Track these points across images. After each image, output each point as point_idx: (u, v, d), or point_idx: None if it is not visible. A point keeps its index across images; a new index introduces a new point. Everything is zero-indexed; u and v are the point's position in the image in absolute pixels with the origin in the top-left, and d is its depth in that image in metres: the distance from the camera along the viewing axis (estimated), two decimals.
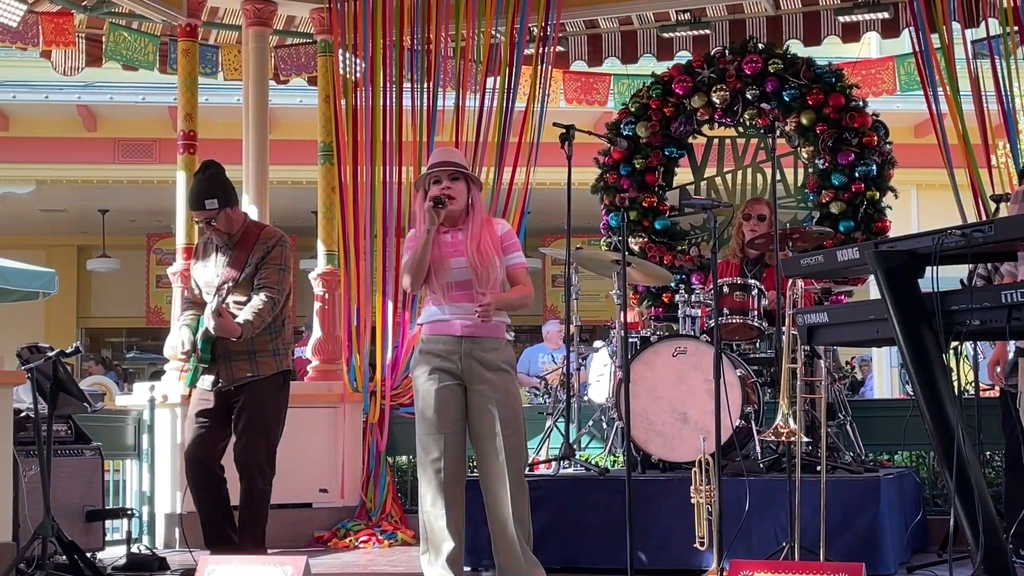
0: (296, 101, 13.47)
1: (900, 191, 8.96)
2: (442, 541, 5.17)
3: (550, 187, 10.18)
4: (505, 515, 5.17)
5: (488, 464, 5.21)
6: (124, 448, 7.87)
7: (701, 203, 6.16)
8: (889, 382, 15.94)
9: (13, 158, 15.51)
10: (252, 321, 6.05)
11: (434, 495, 5.18)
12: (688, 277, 8.87)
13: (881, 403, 10.86)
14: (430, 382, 5.22)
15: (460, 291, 5.23)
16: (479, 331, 5.20)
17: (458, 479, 5.24)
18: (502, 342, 5.30)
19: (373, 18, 8.48)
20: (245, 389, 6.14)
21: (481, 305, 5.12)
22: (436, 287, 5.27)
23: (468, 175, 5.38)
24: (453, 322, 5.23)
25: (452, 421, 5.21)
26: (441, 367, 5.22)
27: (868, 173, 8.61)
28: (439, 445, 5.19)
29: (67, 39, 8.92)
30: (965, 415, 4.05)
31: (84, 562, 5.87)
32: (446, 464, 5.18)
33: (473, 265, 5.19)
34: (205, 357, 6.09)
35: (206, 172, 6.29)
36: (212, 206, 6.12)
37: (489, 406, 5.19)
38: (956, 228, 3.88)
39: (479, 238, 5.24)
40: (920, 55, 8.13)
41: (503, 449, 5.17)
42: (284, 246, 6.31)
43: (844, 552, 5.71)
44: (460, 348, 5.21)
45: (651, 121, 9.14)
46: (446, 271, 5.23)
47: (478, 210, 5.35)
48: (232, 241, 6.25)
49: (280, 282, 6.20)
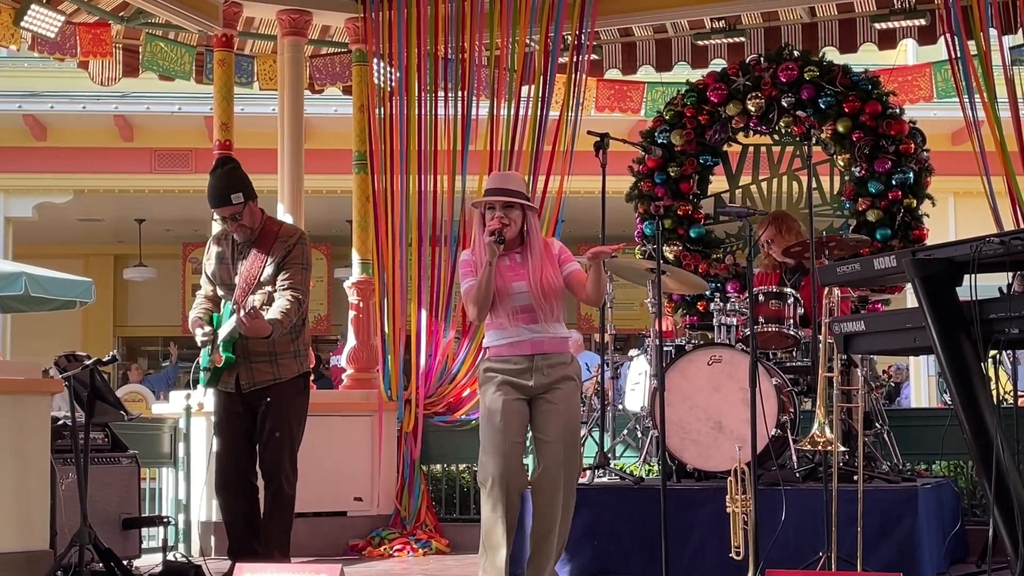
0: (331, 110, 13.52)
1: (938, 199, 8.90)
2: (498, 547, 5.32)
3: (584, 195, 10.15)
4: (548, 528, 5.37)
5: (543, 472, 5.39)
6: (160, 456, 7.90)
7: (736, 211, 6.12)
8: (927, 391, 15.84)
9: (51, 168, 15.64)
10: (281, 321, 6.01)
11: (495, 502, 5.34)
12: (723, 285, 8.83)
13: (919, 412, 10.78)
14: (497, 395, 5.42)
15: (524, 313, 5.45)
16: (550, 348, 5.45)
17: (518, 488, 5.40)
18: (568, 356, 5.54)
19: (407, 27, 8.51)
20: (267, 393, 6.11)
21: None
22: (500, 311, 5.47)
23: (523, 203, 5.51)
24: (521, 342, 5.44)
25: (515, 432, 5.41)
26: (509, 382, 5.43)
27: (905, 181, 8.56)
28: (501, 454, 5.35)
29: (104, 50, 8.99)
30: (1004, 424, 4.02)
31: (121, 570, 5.89)
32: (509, 473, 5.34)
33: (535, 292, 5.41)
34: (229, 359, 6.05)
35: (225, 167, 6.22)
36: (238, 200, 6.07)
37: (552, 416, 5.40)
38: (994, 236, 3.85)
39: (541, 268, 5.45)
40: (956, 62, 8.07)
41: (561, 458, 5.36)
42: (304, 244, 6.24)
43: (881, 562, 5.68)
44: (531, 365, 5.42)
45: (686, 129, 9.12)
46: (509, 296, 5.44)
47: (534, 235, 5.54)
48: (251, 238, 6.19)
49: (304, 282, 6.17)
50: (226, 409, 6.21)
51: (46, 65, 13.69)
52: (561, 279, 5.49)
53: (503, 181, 5.62)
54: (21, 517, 5.90)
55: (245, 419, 6.15)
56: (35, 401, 6.05)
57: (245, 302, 6.00)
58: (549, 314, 5.44)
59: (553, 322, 5.48)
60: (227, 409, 6.20)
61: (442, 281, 8.32)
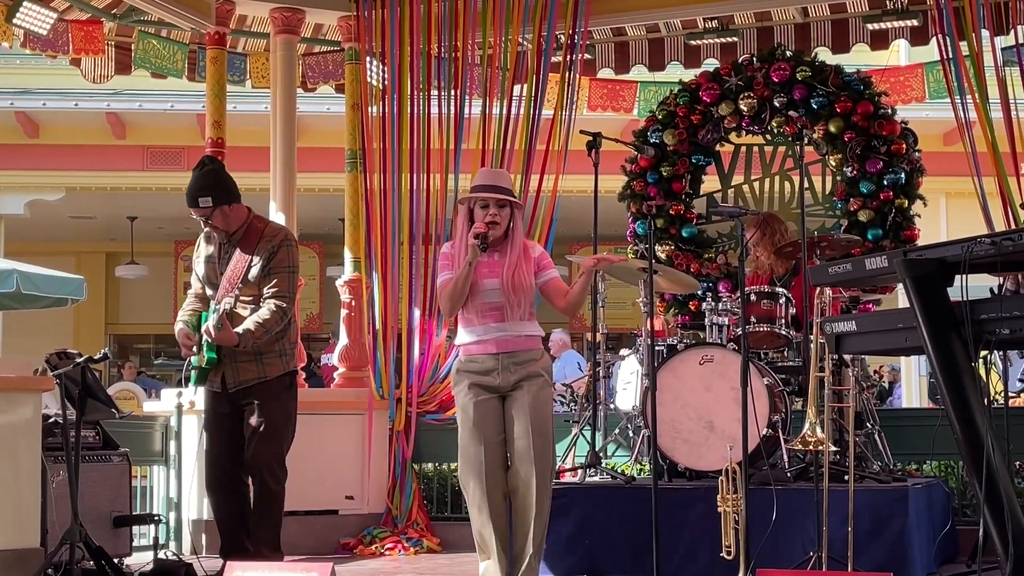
0: (324, 109, 13.50)
1: (929, 199, 8.92)
2: (490, 548, 5.38)
3: (577, 195, 10.17)
4: (524, 524, 5.39)
5: (512, 469, 5.42)
6: (151, 454, 7.90)
7: (729, 211, 6.13)
8: (918, 391, 15.86)
9: (43, 165, 15.62)
10: (253, 331, 5.98)
11: (479, 504, 5.40)
12: (715, 285, 8.84)
13: (910, 412, 10.79)
14: (468, 396, 5.49)
15: (493, 311, 5.48)
16: (515, 346, 5.47)
17: (500, 487, 5.43)
18: (538, 352, 5.55)
19: (400, 26, 8.50)
20: (253, 391, 6.10)
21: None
22: (470, 308, 5.51)
23: (513, 202, 5.55)
24: (488, 341, 5.48)
25: (491, 432, 5.45)
26: (479, 383, 5.48)
27: (897, 181, 8.57)
28: (479, 455, 5.42)
29: (96, 47, 8.98)
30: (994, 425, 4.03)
31: (111, 568, 5.88)
32: (487, 473, 5.40)
33: (506, 290, 5.43)
34: (211, 359, 6.02)
35: (203, 169, 6.17)
36: (206, 204, 6.03)
37: (519, 412, 5.41)
38: (986, 236, 3.86)
39: (515, 266, 5.47)
40: (948, 62, 8.08)
41: (529, 454, 5.36)
42: (290, 245, 6.19)
43: (872, 562, 5.68)
44: (498, 364, 5.46)
45: (678, 129, 9.13)
46: (480, 292, 5.47)
47: (517, 235, 5.58)
48: (234, 238, 6.16)
49: (291, 287, 6.15)
50: (213, 408, 6.21)
51: (38, 62, 13.61)
52: (532, 279, 5.50)
53: (496, 178, 5.64)
54: (12, 515, 5.88)
55: (232, 418, 6.15)
56: (26, 399, 6.04)
57: (217, 308, 5.97)
58: (518, 312, 5.46)
59: (522, 320, 5.49)
60: (214, 408, 6.20)
61: (435, 280, 8.29)
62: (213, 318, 5.96)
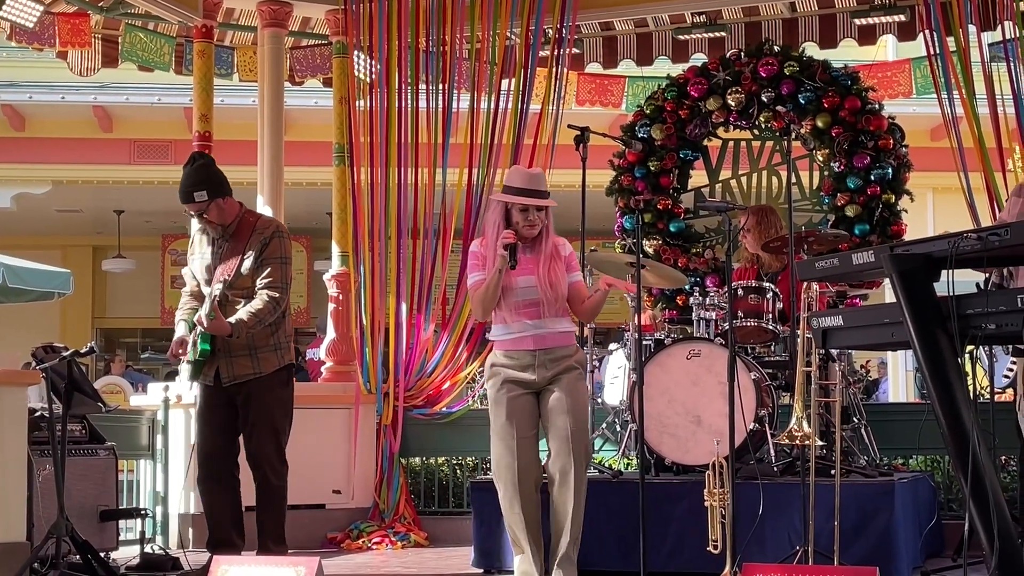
0: (311, 102, 13.46)
1: (916, 195, 8.93)
2: (522, 542, 5.48)
3: (565, 189, 10.16)
4: (561, 516, 5.48)
5: (551, 461, 5.51)
6: (138, 448, 7.88)
7: (716, 206, 6.15)
8: (904, 386, 15.90)
9: (29, 159, 15.55)
10: (246, 321, 6.00)
11: (511, 498, 5.48)
12: (703, 280, 8.85)
13: (896, 407, 10.82)
14: (502, 392, 5.55)
15: (528, 308, 5.55)
16: (552, 343, 5.55)
17: (532, 481, 5.52)
18: (572, 348, 5.65)
19: (388, 20, 8.49)
20: (248, 386, 6.12)
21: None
22: (503, 306, 5.57)
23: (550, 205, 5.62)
24: (524, 338, 5.55)
25: (524, 426, 5.53)
26: (514, 379, 5.54)
27: (884, 176, 8.59)
28: (510, 450, 5.49)
29: (83, 40, 8.95)
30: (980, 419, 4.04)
31: (98, 562, 5.88)
32: (520, 468, 5.47)
33: (543, 288, 5.50)
34: (205, 350, 6.03)
35: (194, 164, 6.21)
36: (201, 198, 6.06)
37: (555, 406, 5.50)
38: (972, 232, 3.87)
39: (549, 264, 5.55)
40: (935, 58, 8.10)
41: (567, 447, 5.46)
42: (282, 237, 6.22)
43: (858, 556, 5.70)
44: (535, 360, 5.53)
45: (666, 123, 9.13)
46: (513, 291, 5.53)
47: (550, 234, 5.63)
48: (228, 232, 6.18)
49: (284, 278, 6.15)
50: (207, 402, 6.21)
51: (25, 55, 13.60)
52: (565, 277, 5.58)
53: (536, 182, 5.61)
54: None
55: (226, 412, 6.16)
56: (12, 392, 6.03)
57: (209, 298, 5.97)
58: (552, 309, 5.55)
59: (556, 316, 5.58)
60: (208, 402, 6.21)
61: (423, 274, 8.31)
62: (205, 306, 5.96)
